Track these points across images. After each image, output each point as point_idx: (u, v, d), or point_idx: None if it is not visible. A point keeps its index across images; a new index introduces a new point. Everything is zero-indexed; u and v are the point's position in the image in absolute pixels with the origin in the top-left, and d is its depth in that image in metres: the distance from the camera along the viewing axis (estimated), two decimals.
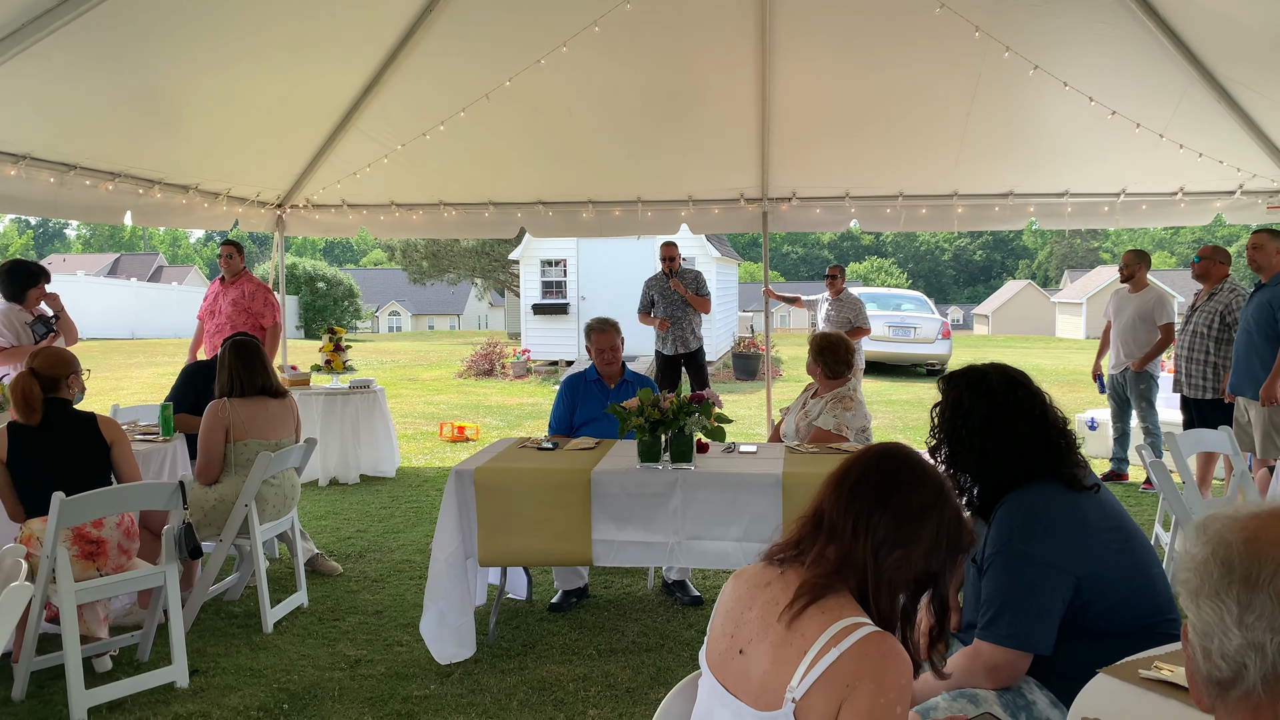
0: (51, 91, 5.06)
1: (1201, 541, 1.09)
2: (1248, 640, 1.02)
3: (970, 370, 2.39)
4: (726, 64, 6.47)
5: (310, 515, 6.50)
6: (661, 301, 8.23)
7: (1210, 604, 1.06)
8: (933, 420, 2.39)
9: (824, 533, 1.70)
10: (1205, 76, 6.00)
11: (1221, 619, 1.04)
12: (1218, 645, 1.05)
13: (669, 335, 8.23)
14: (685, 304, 8.20)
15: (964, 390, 2.34)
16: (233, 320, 6.86)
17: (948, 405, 2.36)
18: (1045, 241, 74.77)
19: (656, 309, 8.27)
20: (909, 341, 17.59)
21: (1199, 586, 1.07)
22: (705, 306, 8.27)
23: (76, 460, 3.82)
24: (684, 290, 8.15)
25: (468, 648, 3.99)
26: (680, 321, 8.20)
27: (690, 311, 8.22)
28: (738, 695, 1.64)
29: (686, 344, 8.23)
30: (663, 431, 3.94)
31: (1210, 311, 6.24)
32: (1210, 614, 1.06)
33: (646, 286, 8.38)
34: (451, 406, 13.22)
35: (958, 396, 2.34)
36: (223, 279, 7.13)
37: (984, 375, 2.35)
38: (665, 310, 8.21)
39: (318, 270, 35.23)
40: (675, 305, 8.20)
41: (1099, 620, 2.13)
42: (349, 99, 6.75)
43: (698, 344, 8.31)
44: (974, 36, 5.72)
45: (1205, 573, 1.07)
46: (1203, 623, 1.07)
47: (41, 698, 3.59)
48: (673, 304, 8.20)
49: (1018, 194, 7.53)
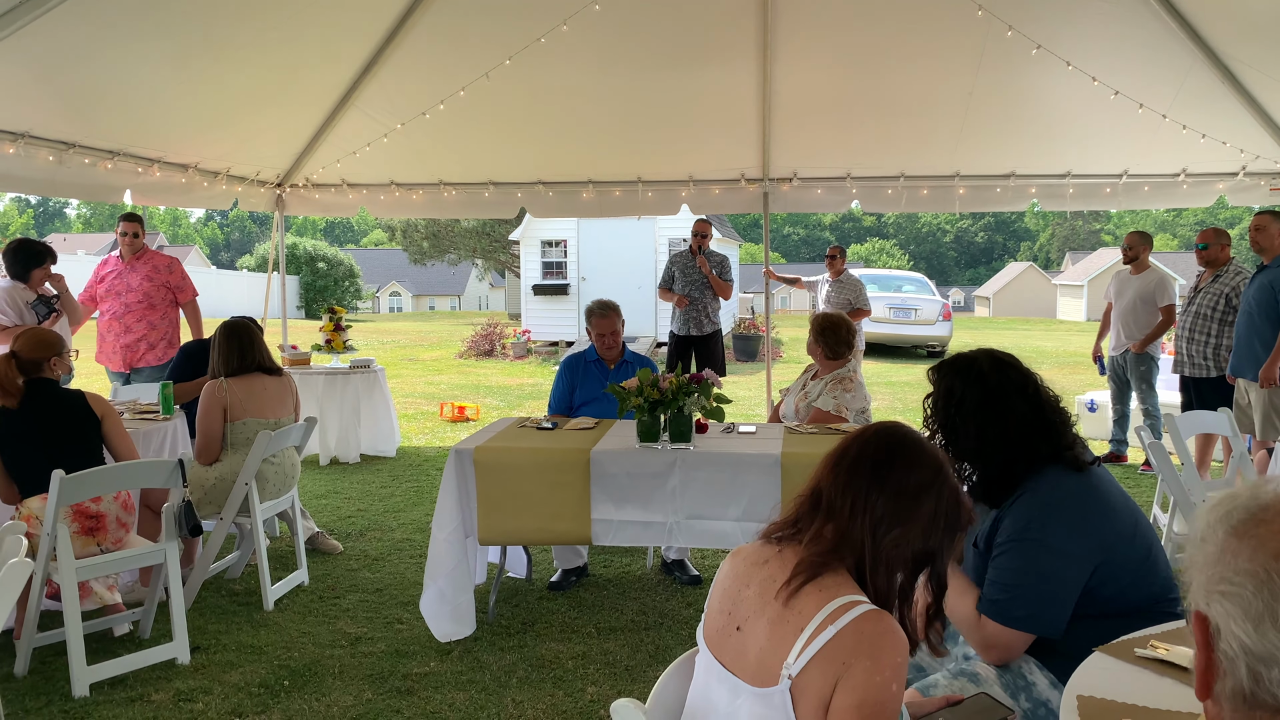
0: (50, 69, 5.03)
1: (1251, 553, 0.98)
2: None
3: (959, 358, 2.38)
4: (728, 44, 6.44)
5: (311, 494, 6.52)
6: (682, 279, 8.06)
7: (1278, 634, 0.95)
8: (925, 411, 2.36)
9: (822, 511, 1.71)
10: (1209, 56, 5.96)
11: None
12: (1278, 675, 0.96)
13: (685, 315, 8.06)
14: (705, 285, 8.02)
15: (954, 378, 2.32)
16: (150, 297, 6.28)
17: (940, 394, 2.34)
18: (1047, 223, 74.58)
19: (676, 285, 8.10)
20: (910, 323, 17.58)
21: (1262, 612, 0.96)
22: (727, 292, 8.15)
23: (68, 438, 3.81)
24: (709, 270, 7.99)
25: (467, 625, 4.01)
26: (698, 302, 8.04)
27: (710, 294, 8.06)
28: (734, 672, 1.65)
29: (701, 326, 8.06)
30: (661, 412, 3.95)
31: (1215, 293, 6.21)
32: (1276, 643, 0.95)
33: (670, 262, 8.23)
34: (452, 387, 13.23)
35: (949, 385, 2.32)
36: (121, 256, 6.39)
37: (973, 361, 2.34)
38: (684, 289, 8.04)
39: (318, 250, 35.21)
40: (695, 285, 8.03)
41: (1106, 603, 2.13)
42: (349, 78, 6.72)
43: (713, 328, 8.13)
44: (976, 15, 5.68)
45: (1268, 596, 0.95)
46: (1263, 649, 0.96)
47: (44, 673, 3.61)
48: (693, 283, 8.03)
49: (1019, 175, 7.50)
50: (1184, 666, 1.77)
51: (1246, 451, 5.00)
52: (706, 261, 8.01)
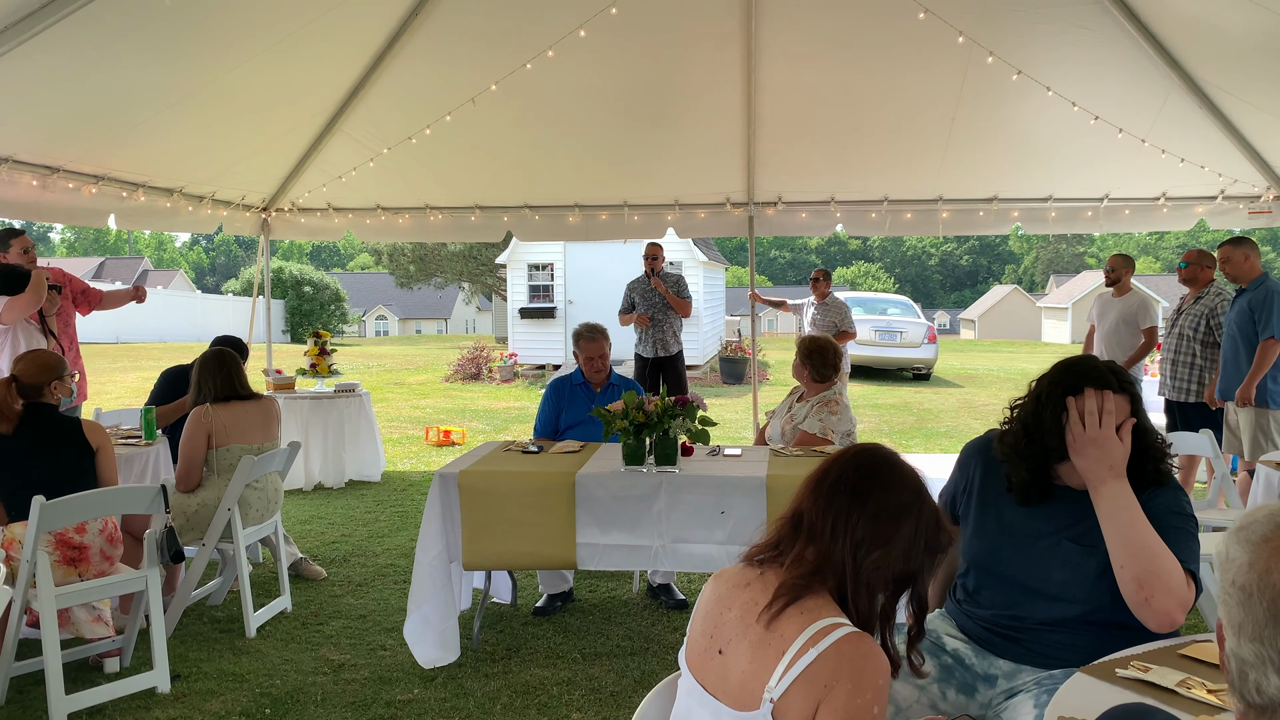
0: (34, 94, 5.03)
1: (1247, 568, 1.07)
2: None
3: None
4: (712, 69, 6.49)
5: (294, 519, 6.47)
6: (643, 303, 8.13)
7: (1252, 646, 1.05)
8: (1011, 414, 2.32)
9: (803, 534, 1.71)
10: (1186, 82, 6.05)
11: (1263, 662, 1.05)
12: (1254, 680, 1.06)
13: (649, 337, 8.11)
14: (667, 306, 8.09)
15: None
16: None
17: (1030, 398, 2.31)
18: (1031, 246, 75.22)
19: (638, 310, 8.17)
20: (895, 346, 17.65)
21: (1242, 622, 1.07)
22: (686, 309, 8.19)
23: (60, 465, 3.79)
24: (665, 290, 8.05)
25: (452, 652, 3.97)
26: (661, 324, 8.09)
27: (671, 314, 8.12)
28: (716, 695, 1.64)
29: (667, 347, 8.13)
30: (647, 435, 3.95)
31: (1196, 315, 6.23)
32: (1250, 654, 1.06)
33: (628, 289, 8.28)
34: (438, 410, 13.19)
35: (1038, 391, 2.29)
36: None
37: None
38: (646, 311, 8.10)
39: (304, 274, 35.20)
40: (656, 307, 8.09)
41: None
42: (335, 102, 6.74)
43: (678, 348, 8.20)
44: (958, 42, 5.75)
45: (1249, 610, 1.06)
46: (1240, 659, 1.08)
47: (21, 703, 3.56)
48: (654, 305, 8.10)
49: (1002, 199, 7.57)
50: (1165, 687, 1.78)
51: (1229, 473, 5.03)
52: (662, 282, 8.05)
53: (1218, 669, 1.84)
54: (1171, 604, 2.00)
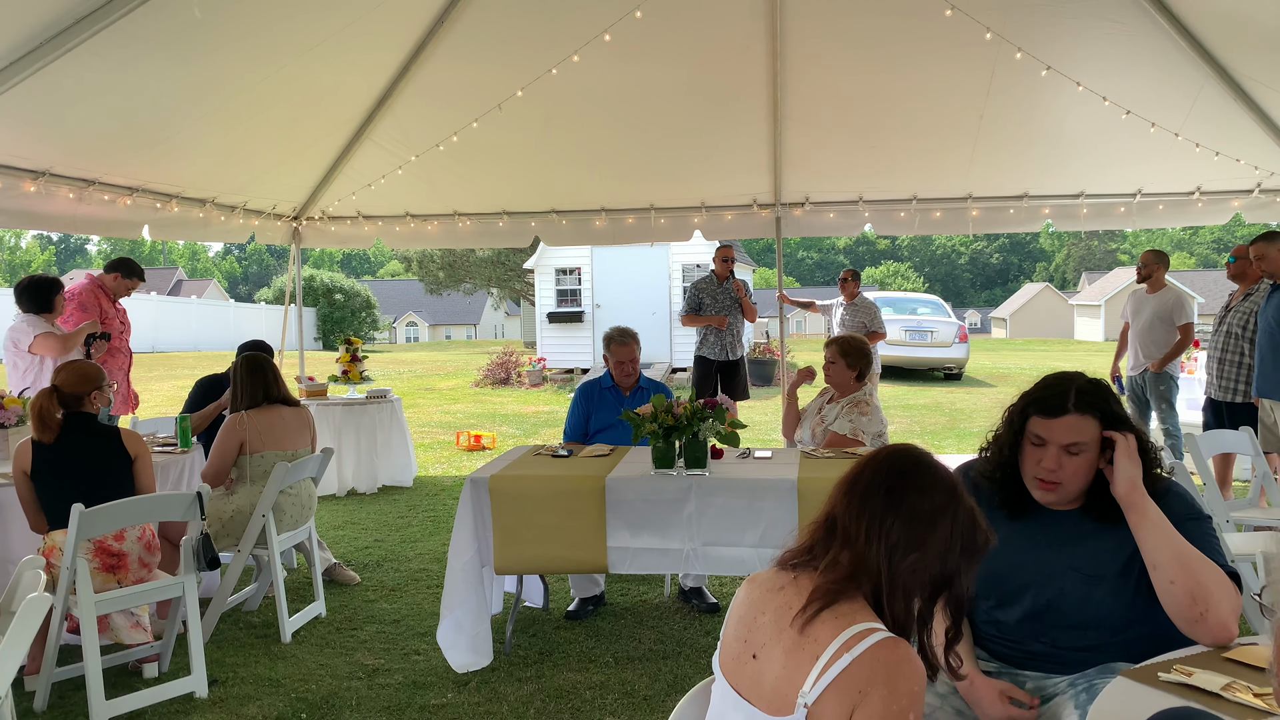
0: (70, 108, 5.11)
1: None
2: None
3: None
4: (737, 70, 6.48)
5: (328, 525, 6.53)
6: (712, 305, 7.95)
7: None
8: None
9: (837, 538, 1.69)
10: (1220, 74, 5.95)
11: None
12: None
13: (717, 340, 7.92)
14: (735, 309, 7.93)
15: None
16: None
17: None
18: (1062, 244, 74.39)
19: (706, 312, 7.97)
20: (926, 345, 17.51)
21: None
22: (753, 315, 8.09)
23: (100, 473, 3.85)
24: (743, 294, 7.93)
25: (485, 656, 3.99)
26: (732, 326, 7.95)
27: (739, 318, 7.99)
28: (750, 700, 1.63)
29: (734, 350, 7.96)
30: (676, 438, 3.94)
31: (1245, 312, 5.99)
32: None
33: (694, 289, 8.08)
34: (468, 415, 13.26)
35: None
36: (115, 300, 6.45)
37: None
38: (715, 314, 7.93)
39: (335, 282, 35.51)
40: (724, 309, 7.93)
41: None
42: (363, 111, 6.80)
43: (742, 352, 8.06)
44: (985, 38, 5.70)
45: None
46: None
47: (63, 708, 3.62)
48: (721, 308, 7.93)
49: (1033, 196, 7.49)
50: (1210, 691, 1.74)
51: (1270, 471, 4.93)
52: (741, 286, 7.96)
53: (1263, 673, 1.81)
54: (1225, 612, 1.97)
